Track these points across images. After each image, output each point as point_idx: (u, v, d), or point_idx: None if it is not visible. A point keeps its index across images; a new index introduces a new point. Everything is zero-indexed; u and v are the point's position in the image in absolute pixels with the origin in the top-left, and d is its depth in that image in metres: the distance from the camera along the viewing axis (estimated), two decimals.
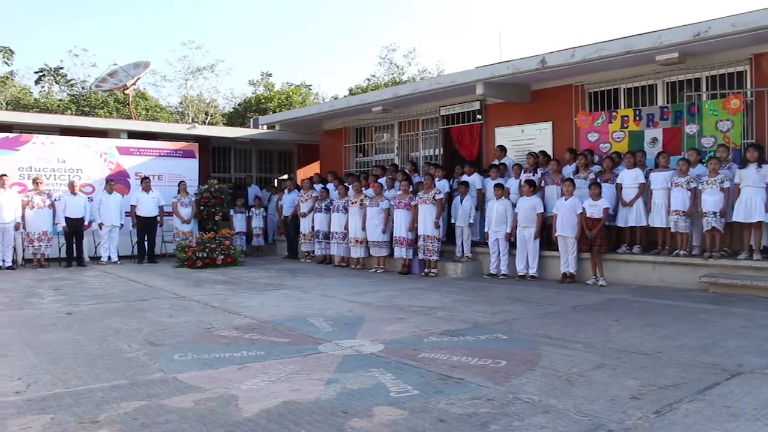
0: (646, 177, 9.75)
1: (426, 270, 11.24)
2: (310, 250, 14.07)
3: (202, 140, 17.10)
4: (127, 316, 7.23)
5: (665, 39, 9.78)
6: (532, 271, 10.42)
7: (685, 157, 9.61)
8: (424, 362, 5.00)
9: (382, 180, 12.81)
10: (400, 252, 11.62)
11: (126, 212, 13.77)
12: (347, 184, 13.17)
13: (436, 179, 11.67)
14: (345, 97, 31.99)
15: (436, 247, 11.11)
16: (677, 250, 9.36)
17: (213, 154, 18.75)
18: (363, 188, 12.76)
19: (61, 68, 42.05)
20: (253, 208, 16.02)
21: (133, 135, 15.84)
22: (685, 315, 7.05)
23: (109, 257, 13.48)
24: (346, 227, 12.67)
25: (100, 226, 13.38)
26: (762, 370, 4.68)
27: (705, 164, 9.45)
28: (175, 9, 69.04)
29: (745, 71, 10.15)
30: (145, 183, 13.90)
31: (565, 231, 9.85)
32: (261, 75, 42.72)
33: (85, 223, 13.20)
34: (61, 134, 14.85)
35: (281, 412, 3.84)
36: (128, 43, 64.04)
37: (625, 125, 11.14)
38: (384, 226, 11.79)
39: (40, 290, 9.48)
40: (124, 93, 21.66)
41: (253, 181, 18.51)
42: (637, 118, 11.01)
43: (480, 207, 11.54)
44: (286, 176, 19.59)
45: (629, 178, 9.83)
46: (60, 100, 38.83)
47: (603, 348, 5.46)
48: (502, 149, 12.32)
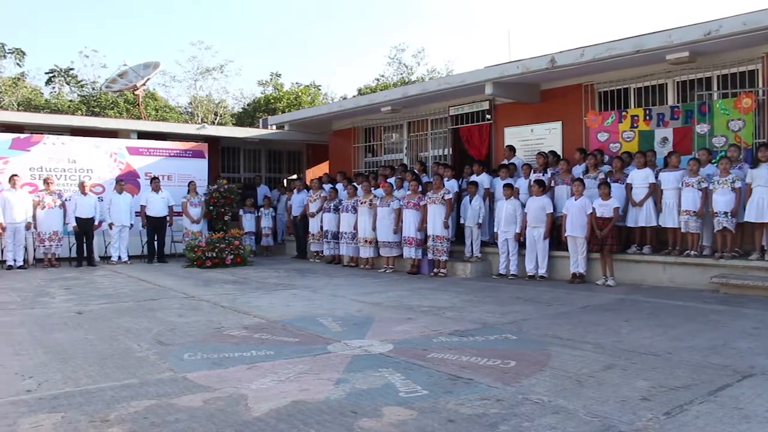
0: (656, 177, 9.71)
1: (435, 270, 11.23)
2: (319, 250, 14.08)
3: (211, 140, 17.15)
4: (137, 316, 7.26)
5: (676, 38, 9.73)
6: (542, 272, 10.39)
7: (696, 156, 9.55)
8: (434, 362, 5.00)
9: (392, 180, 12.81)
10: (410, 252, 11.61)
11: (136, 212, 13.82)
12: (356, 184, 13.17)
13: (445, 179, 11.66)
14: (354, 97, 32.00)
15: (445, 247, 11.09)
16: (688, 251, 9.31)
17: (222, 155, 18.79)
18: (372, 188, 12.76)
19: (72, 69, 42.24)
20: (263, 208, 16.05)
21: (142, 135, 15.91)
22: (695, 316, 7.01)
23: (119, 257, 13.54)
24: (356, 227, 12.68)
25: (110, 226, 13.44)
26: None
27: (715, 164, 9.40)
28: (185, 9, 69.33)
29: (757, 70, 10.08)
30: (155, 183, 13.95)
31: (575, 231, 9.81)
32: (270, 75, 42.81)
33: (96, 223, 13.26)
34: (71, 135, 14.92)
35: (290, 411, 3.85)
36: (138, 44, 64.29)
37: (635, 125, 11.09)
38: (395, 226, 11.79)
39: (50, 290, 9.53)
40: (134, 93, 21.75)
41: (263, 181, 18.54)
42: (647, 118, 10.96)
43: (489, 207, 11.52)
44: (295, 176, 19.62)
45: (639, 178, 9.79)
46: (70, 101, 39.01)
47: (613, 349, 5.44)
48: (511, 149, 12.29)
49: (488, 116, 13.74)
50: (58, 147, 13.96)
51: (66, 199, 13.05)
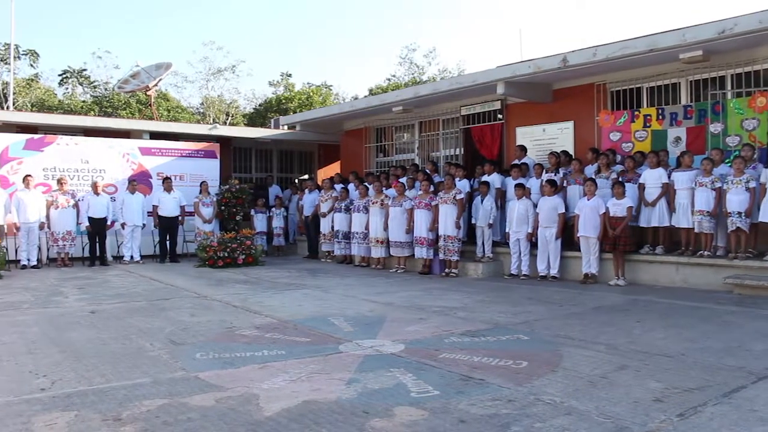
0: (669, 177, 9.65)
1: (447, 270, 11.21)
2: (330, 250, 14.09)
3: (223, 141, 17.20)
4: (149, 315, 7.29)
5: (689, 37, 9.67)
6: (554, 272, 10.36)
7: (709, 156, 9.49)
8: (445, 363, 4.99)
9: (403, 180, 12.80)
10: (421, 252, 11.60)
11: (148, 212, 13.87)
12: (367, 184, 13.17)
13: (457, 179, 11.64)
14: (365, 97, 32.00)
15: (456, 247, 11.08)
16: (701, 251, 9.24)
17: (234, 155, 18.84)
18: (383, 188, 12.76)
19: (85, 70, 42.56)
20: (274, 208, 16.08)
21: (155, 136, 15.97)
22: (709, 317, 6.96)
23: (132, 257, 13.60)
24: (367, 227, 12.67)
25: (123, 225, 13.50)
26: None
27: (729, 164, 9.33)
28: (197, 10, 69.58)
29: None
30: (167, 183, 14.00)
31: (588, 231, 9.77)
32: (281, 75, 42.88)
33: (108, 223, 13.33)
34: (84, 135, 15.01)
35: (302, 411, 3.85)
36: (150, 45, 64.64)
37: (648, 124, 11.03)
38: (407, 226, 11.78)
39: (64, 289, 9.59)
40: (146, 94, 21.87)
41: (274, 182, 18.57)
42: (660, 117, 10.90)
43: (501, 207, 11.50)
44: (306, 176, 19.64)
45: (652, 178, 9.73)
46: (83, 102, 39.28)
47: (625, 349, 5.41)
48: (522, 149, 12.26)
49: (500, 116, 13.70)
50: (71, 147, 14.05)
51: (79, 199, 13.12)
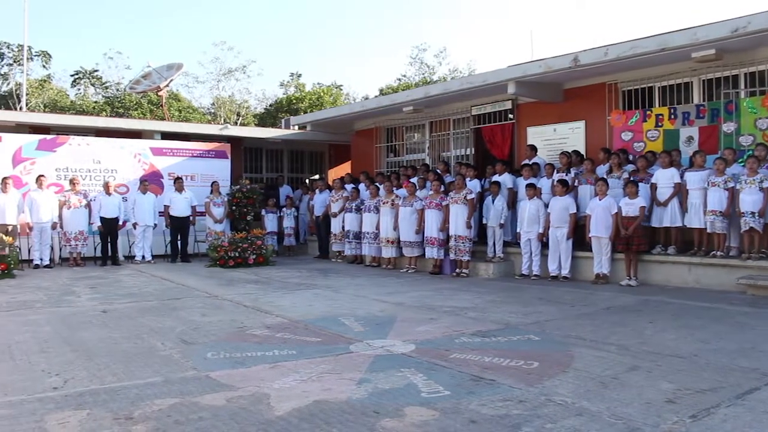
0: (682, 176, 9.59)
1: (457, 270, 11.20)
2: (341, 250, 14.10)
3: (234, 141, 17.24)
4: (160, 315, 7.32)
5: (702, 35, 9.60)
6: (565, 272, 10.32)
7: (722, 156, 9.42)
8: (456, 363, 4.98)
9: (414, 180, 12.79)
10: (432, 252, 11.58)
11: (159, 212, 13.92)
12: (378, 184, 13.17)
13: (468, 179, 11.62)
14: (376, 97, 32.01)
15: (467, 247, 11.06)
16: (714, 251, 9.18)
17: (245, 155, 18.89)
18: (394, 188, 12.75)
19: (97, 71, 42.85)
20: (285, 208, 16.11)
21: (166, 136, 16.04)
22: (722, 317, 6.92)
23: (143, 256, 13.66)
24: (378, 227, 12.68)
25: (135, 225, 13.56)
26: None
27: (742, 164, 9.26)
28: (207, 10, 69.82)
29: None
30: (179, 183, 14.05)
31: (599, 231, 9.73)
32: (291, 76, 42.94)
33: (120, 223, 13.39)
34: (96, 135, 15.09)
35: (313, 411, 3.85)
36: (161, 45, 64.98)
37: (660, 124, 10.97)
38: (417, 226, 11.76)
39: (76, 288, 9.65)
40: (157, 95, 22.00)
41: (285, 182, 18.60)
42: (672, 117, 10.84)
43: (512, 207, 11.47)
44: (317, 176, 19.66)
45: (664, 178, 9.68)
46: (95, 102, 39.52)
47: (637, 350, 5.38)
48: (533, 149, 12.21)
49: (511, 116, 13.67)
50: (84, 148, 14.13)
51: (91, 200, 13.19)
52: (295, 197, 16.92)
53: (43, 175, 12.70)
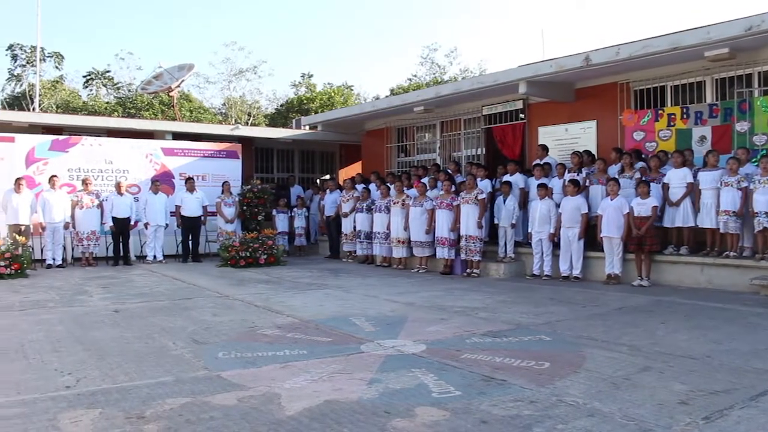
0: (695, 176, 9.53)
1: (468, 270, 11.17)
2: (351, 249, 14.11)
3: (245, 141, 17.29)
4: (172, 314, 7.35)
5: (714, 34, 9.54)
6: (576, 272, 10.28)
7: (735, 155, 9.35)
8: (467, 363, 4.97)
9: (425, 180, 12.78)
10: (443, 252, 11.57)
11: (171, 212, 13.98)
12: (389, 184, 13.17)
13: (479, 179, 11.60)
14: (386, 97, 32.00)
15: (478, 247, 11.03)
16: (727, 252, 9.11)
17: (256, 155, 18.93)
18: (405, 188, 12.75)
19: (108, 72, 43.08)
20: (296, 208, 16.14)
21: (177, 136, 16.11)
22: (735, 318, 6.87)
23: (155, 256, 13.72)
24: (389, 227, 12.67)
25: (146, 225, 13.62)
26: None
27: (756, 163, 9.19)
28: (217, 11, 70.03)
29: None
30: (190, 183, 14.10)
31: (611, 231, 9.68)
32: (302, 76, 42.99)
33: (131, 223, 13.45)
34: (108, 136, 15.19)
35: (323, 411, 3.85)
36: (172, 46, 65.26)
37: (672, 123, 10.91)
38: (428, 226, 11.75)
39: (88, 288, 9.70)
40: (168, 95, 22.11)
41: (296, 182, 18.63)
42: (685, 116, 10.78)
43: (523, 207, 11.44)
44: (328, 176, 19.68)
45: (677, 178, 9.61)
46: (107, 103, 39.71)
47: (649, 351, 5.35)
48: (544, 148, 12.17)
49: (522, 115, 13.64)
50: (96, 148, 14.20)
51: (103, 200, 13.25)
52: (306, 197, 16.94)
53: (55, 176, 12.77)
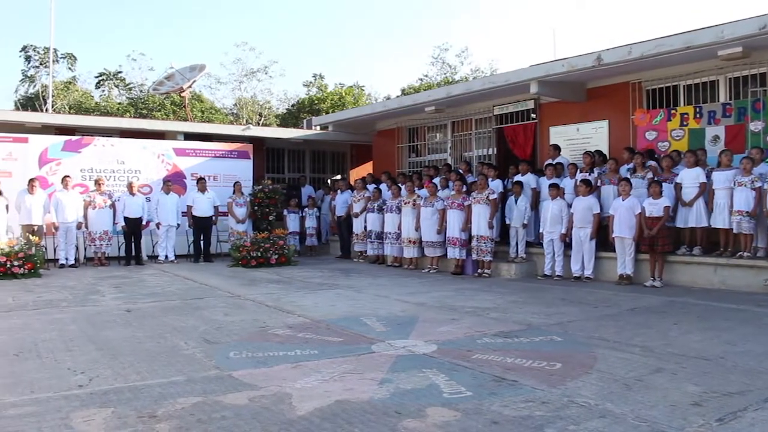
0: (708, 176, 9.46)
1: (479, 270, 11.15)
2: (362, 250, 14.11)
3: (256, 141, 17.34)
4: (183, 314, 7.38)
5: (728, 33, 9.45)
6: (588, 273, 10.23)
7: (749, 155, 9.28)
8: (478, 363, 4.96)
9: (436, 180, 12.77)
10: (454, 252, 11.55)
11: (182, 212, 14.03)
12: (400, 185, 13.16)
13: (490, 179, 11.57)
14: (397, 97, 31.98)
15: (489, 247, 11.01)
16: (740, 252, 9.04)
17: (267, 155, 18.97)
18: (416, 188, 12.73)
19: (120, 72, 43.27)
20: (307, 209, 16.16)
21: (189, 136, 16.18)
22: (749, 319, 6.81)
23: (166, 256, 13.77)
24: (400, 227, 12.66)
25: (158, 225, 13.68)
26: None
27: None
28: (228, 11, 70.21)
29: None
30: (201, 183, 14.15)
31: (623, 232, 9.63)
32: (313, 76, 43.02)
33: (143, 223, 13.51)
34: (120, 136, 15.29)
35: (334, 411, 3.86)
36: (183, 47, 65.51)
37: (685, 123, 10.84)
38: (439, 226, 11.74)
39: (100, 288, 9.75)
40: (180, 96, 22.19)
41: (307, 182, 18.65)
42: (698, 116, 10.70)
43: (535, 207, 11.40)
44: (339, 176, 19.69)
45: (689, 178, 9.54)
46: (119, 104, 39.92)
47: (662, 352, 5.31)
48: (556, 148, 12.13)
49: (533, 115, 13.59)
50: (108, 148, 14.29)
51: (115, 200, 13.32)
52: (317, 197, 16.97)
53: (68, 176, 12.85)
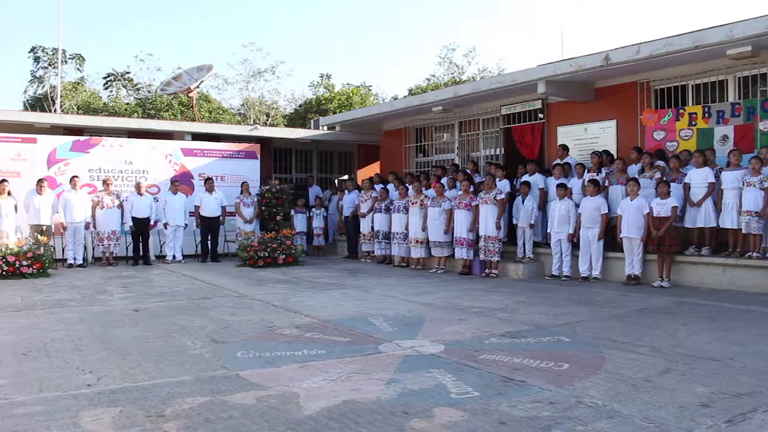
0: (717, 176, 9.41)
1: (487, 271, 11.14)
2: (370, 250, 14.12)
3: (263, 141, 17.34)
4: (191, 314, 7.39)
5: (737, 32, 9.41)
6: (596, 273, 10.20)
7: (758, 155, 9.23)
8: (485, 364, 4.95)
9: (444, 180, 12.75)
10: (461, 252, 11.54)
11: (190, 212, 14.06)
12: (407, 185, 13.16)
13: (497, 179, 11.55)
14: (405, 97, 31.97)
15: (497, 247, 10.99)
16: (749, 253, 9.00)
17: (274, 155, 18.97)
18: (423, 188, 12.73)
19: (128, 73, 43.45)
20: (314, 209, 16.17)
21: (196, 137, 16.20)
22: (758, 320, 6.78)
23: (174, 256, 13.81)
24: (407, 227, 12.66)
25: (165, 225, 13.72)
26: None
27: None
28: (236, 12, 70.41)
29: None
30: (209, 184, 14.17)
31: (631, 232, 9.60)
32: (320, 76, 43.07)
33: (151, 223, 13.54)
34: (128, 137, 15.32)
35: (342, 410, 3.86)
36: (191, 47, 65.69)
37: (693, 123, 10.80)
38: (446, 226, 11.73)
39: (109, 287, 9.78)
40: (188, 96, 22.25)
41: (314, 182, 18.66)
42: (706, 116, 10.65)
43: (542, 207, 11.38)
44: (346, 176, 19.69)
45: (698, 178, 9.50)
46: (127, 104, 40.06)
47: (670, 353, 5.29)
48: (564, 148, 12.10)
49: (541, 115, 13.56)
50: (116, 149, 14.33)
51: (123, 200, 13.37)
52: (325, 197, 16.98)
53: (76, 176, 12.89)
